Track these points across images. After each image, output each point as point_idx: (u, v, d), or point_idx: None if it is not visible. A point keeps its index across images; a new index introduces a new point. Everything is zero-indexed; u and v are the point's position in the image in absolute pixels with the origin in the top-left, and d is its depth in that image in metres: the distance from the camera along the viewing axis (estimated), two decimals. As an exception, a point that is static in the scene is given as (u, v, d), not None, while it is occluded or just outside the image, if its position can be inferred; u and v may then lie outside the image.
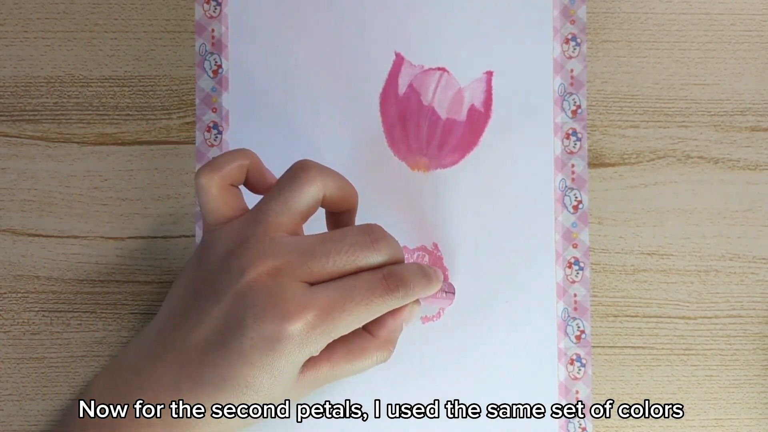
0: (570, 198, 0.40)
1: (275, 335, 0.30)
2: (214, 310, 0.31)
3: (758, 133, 0.41)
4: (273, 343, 0.30)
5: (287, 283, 0.30)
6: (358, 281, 0.31)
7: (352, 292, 0.31)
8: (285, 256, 0.31)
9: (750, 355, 0.40)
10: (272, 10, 0.41)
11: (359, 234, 0.32)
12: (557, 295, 0.40)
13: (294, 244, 0.31)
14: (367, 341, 0.34)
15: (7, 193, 0.40)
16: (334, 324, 0.31)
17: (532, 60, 0.41)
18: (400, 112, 0.41)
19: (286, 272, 0.31)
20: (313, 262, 0.31)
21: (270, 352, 0.30)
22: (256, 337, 0.30)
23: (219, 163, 0.33)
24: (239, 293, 0.30)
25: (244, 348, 0.30)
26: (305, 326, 0.30)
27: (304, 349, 0.30)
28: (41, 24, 0.41)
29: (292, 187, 0.32)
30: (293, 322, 0.30)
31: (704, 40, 0.41)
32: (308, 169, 0.32)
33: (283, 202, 0.32)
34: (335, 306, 0.31)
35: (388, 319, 0.34)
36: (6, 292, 0.40)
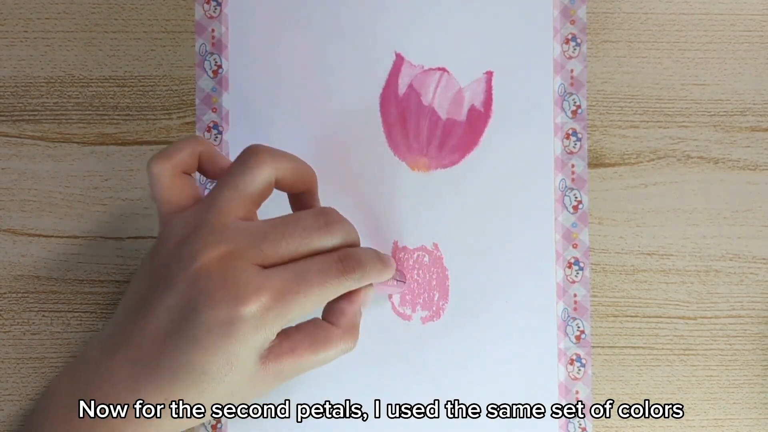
0: (570, 198, 0.40)
1: (229, 318, 0.29)
2: (167, 298, 0.30)
3: (758, 133, 0.41)
4: (227, 327, 0.29)
5: (240, 267, 0.30)
6: (312, 263, 0.31)
7: (307, 274, 0.31)
8: (237, 240, 0.31)
9: (750, 355, 0.40)
10: (272, 11, 0.41)
11: (313, 217, 0.32)
12: (557, 295, 0.40)
13: (246, 229, 0.31)
14: (330, 331, 0.33)
15: (7, 193, 0.40)
16: (289, 306, 0.30)
17: (532, 60, 0.41)
18: (400, 112, 0.41)
19: (238, 256, 0.30)
20: (265, 245, 0.31)
21: (224, 336, 0.30)
22: (209, 321, 0.29)
23: (170, 151, 0.33)
24: (191, 279, 0.30)
25: (198, 333, 0.30)
26: (259, 308, 0.30)
27: (258, 332, 0.30)
28: (41, 24, 0.41)
29: (242, 171, 0.32)
30: (247, 305, 0.29)
31: (704, 41, 0.41)
32: (258, 153, 0.32)
33: (234, 187, 0.32)
34: (289, 288, 0.30)
35: (345, 306, 0.34)
36: (6, 292, 0.40)
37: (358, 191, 0.40)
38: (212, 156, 0.34)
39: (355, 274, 0.32)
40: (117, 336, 0.32)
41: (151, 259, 0.32)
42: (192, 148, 0.33)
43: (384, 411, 0.39)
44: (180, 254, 0.31)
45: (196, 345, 0.30)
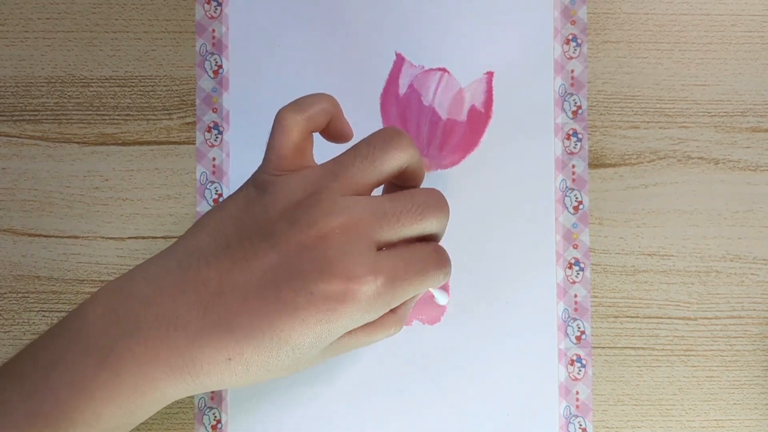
0: (570, 198, 0.40)
1: (342, 296, 0.27)
2: (267, 257, 0.28)
3: (759, 133, 0.41)
4: (336, 304, 0.27)
5: (359, 244, 0.28)
6: (414, 252, 0.30)
7: (411, 262, 0.29)
8: (359, 214, 0.28)
9: (750, 356, 0.40)
10: (273, 11, 0.41)
11: (426, 194, 0.30)
12: (557, 295, 0.40)
13: (367, 202, 0.29)
14: (386, 316, 0.32)
15: (7, 193, 0.40)
16: (397, 292, 0.29)
17: (532, 60, 0.41)
18: (400, 113, 0.41)
19: (358, 231, 0.28)
20: (384, 221, 0.29)
21: (329, 313, 0.28)
22: (317, 293, 0.27)
23: (305, 104, 0.31)
24: (305, 246, 0.28)
25: (299, 302, 0.27)
26: (374, 291, 0.28)
27: (365, 314, 0.28)
28: (42, 24, 0.41)
29: (385, 148, 0.30)
30: (364, 285, 0.28)
31: (705, 41, 0.41)
32: (403, 136, 0.30)
33: (371, 161, 0.29)
34: (399, 274, 0.29)
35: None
36: (6, 292, 0.40)
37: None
38: (341, 119, 0.32)
39: (446, 268, 0.31)
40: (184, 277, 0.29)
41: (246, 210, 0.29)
42: (326, 105, 0.31)
43: (385, 411, 0.39)
44: (294, 215, 0.28)
45: (293, 314, 0.27)
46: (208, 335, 0.28)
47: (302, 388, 0.39)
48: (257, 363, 0.28)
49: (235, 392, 0.39)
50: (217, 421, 0.39)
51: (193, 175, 0.40)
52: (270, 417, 0.39)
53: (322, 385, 0.39)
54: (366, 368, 0.39)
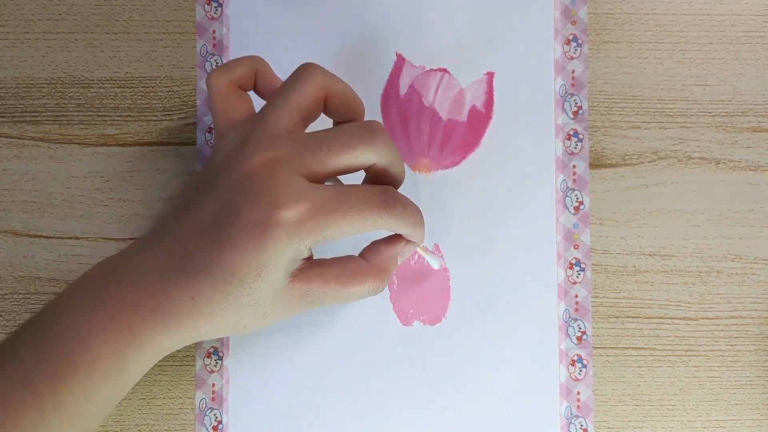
0: (571, 199, 0.40)
1: (265, 220, 0.30)
2: (209, 198, 0.31)
3: (759, 133, 0.41)
4: (262, 228, 0.30)
5: (284, 174, 0.31)
6: (355, 189, 0.32)
7: (349, 197, 0.31)
8: (282, 148, 0.31)
9: (752, 356, 0.40)
10: (273, 12, 0.41)
11: (357, 126, 0.33)
12: (558, 296, 0.40)
13: (292, 138, 0.32)
14: (362, 265, 0.34)
15: (8, 194, 0.40)
16: (326, 221, 0.31)
17: (533, 61, 0.41)
18: (401, 113, 0.41)
19: (283, 163, 0.31)
20: (309, 153, 0.31)
21: (258, 238, 0.30)
22: (245, 221, 0.30)
23: (229, 65, 0.34)
24: (235, 183, 0.31)
25: (233, 233, 0.30)
26: (297, 216, 0.30)
27: (292, 240, 0.30)
28: (42, 25, 0.41)
29: (293, 83, 0.33)
30: (284, 209, 0.30)
31: (705, 41, 0.41)
32: (310, 68, 0.33)
33: (284, 98, 0.32)
34: (329, 204, 0.31)
35: (382, 246, 0.35)
36: (8, 293, 0.40)
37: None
38: (269, 75, 0.35)
39: (396, 210, 0.32)
40: (155, 232, 0.33)
41: (202, 170, 0.34)
42: (250, 64, 0.34)
43: (386, 412, 0.39)
44: (228, 162, 0.32)
45: (231, 245, 0.30)
46: (172, 275, 0.31)
47: (304, 389, 0.39)
48: (217, 302, 0.31)
49: (237, 393, 0.39)
50: (218, 422, 0.39)
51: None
52: (271, 418, 0.39)
53: (324, 386, 0.39)
54: (367, 369, 0.39)
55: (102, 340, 0.31)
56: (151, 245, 0.32)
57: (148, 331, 0.32)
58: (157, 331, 0.32)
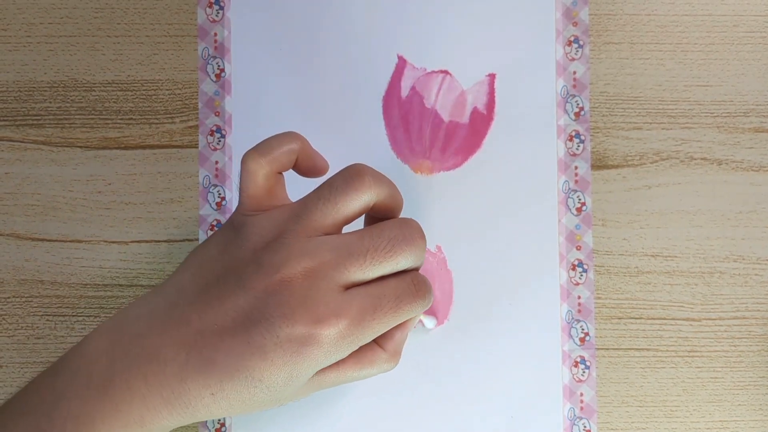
0: (573, 200, 0.40)
1: (304, 339, 0.29)
2: (239, 300, 0.29)
3: (761, 134, 0.41)
4: (300, 347, 0.29)
5: (322, 287, 0.29)
6: (388, 288, 0.30)
7: (383, 299, 0.30)
8: (322, 257, 0.29)
9: (755, 356, 0.40)
10: (274, 14, 0.41)
11: (397, 227, 0.31)
12: (561, 297, 0.40)
13: (332, 243, 0.30)
14: (376, 354, 0.33)
15: (10, 198, 0.40)
16: (364, 332, 0.29)
17: (534, 62, 0.41)
18: (402, 115, 0.41)
19: (322, 274, 0.29)
20: (350, 261, 0.29)
21: (295, 355, 0.29)
22: (282, 336, 0.29)
23: (268, 147, 0.32)
24: (270, 290, 0.29)
25: (267, 345, 0.29)
26: (337, 334, 0.29)
27: (330, 356, 0.29)
28: (44, 29, 0.41)
29: (345, 191, 0.30)
30: (325, 329, 0.29)
31: (707, 42, 0.41)
32: (364, 176, 0.30)
33: (333, 204, 0.30)
34: (366, 314, 0.29)
35: (396, 332, 0.33)
36: (10, 296, 0.40)
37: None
38: (310, 155, 0.33)
39: (426, 299, 0.31)
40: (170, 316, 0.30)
41: (223, 250, 0.31)
42: (290, 145, 0.32)
43: (388, 413, 0.39)
44: (261, 259, 0.30)
45: (263, 356, 0.29)
46: (192, 372, 0.29)
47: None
48: (237, 399, 0.30)
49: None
50: (221, 424, 0.39)
51: (195, 178, 0.40)
52: (273, 419, 0.39)
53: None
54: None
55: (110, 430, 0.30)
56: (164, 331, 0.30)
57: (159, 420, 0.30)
58: (168, 419, 0.30)
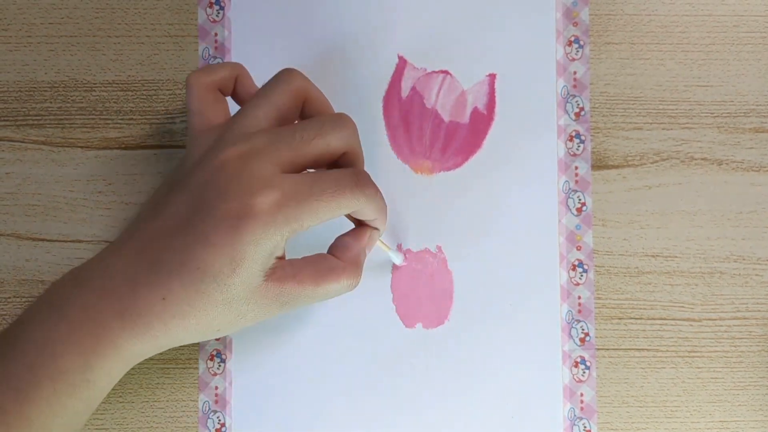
0: (573, 200, 0.40)
1: (239, 211, 0.29)
2: (181, 198, 0.31)
3: (762, 134, 0.41)
4: (236, 220, 0.29)
5: (257, 164, 0.30)
6: (328, 173, 0.32)
7: (321, 182, 0.31)
8: (256, 141, 0.31)
9: (755, 356, 0.40)
10: (275, 14, 0.41)
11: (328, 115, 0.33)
12: (561, 297, 0.40)
13: (267, 131, 0.32)
14: (334, 263, 0.33)
15: (11, 198, 0.40)
16: (301, 207, 0.30)
17: (534, 62, 0.41)
18: (403, 115, 0.41)
19: (256, 155, 0.30)
20: (283, 142, 0.31)
21: (232, 230, 0.29)
22: (219, 214, 0.29)
23: (211, 68, 0.34)
24: (208, 178, 0.30)
25: (206, 228, 0.29)
26: (271, 204, 0.29)
27: (268, 228, 0.30)
28: (45, 29, 0.41)
29: (273, 86, 0.33)
30: (257, 198, 0.29)
31: (707, 42, 0.41)
32: (290, 71, 0.33)
33: (263, 97, 0.32)
34: (303, 190, 0.30)
35: (350, 241, 0.34)
36: (10, 296, 0.40)
37: (362, 194, 0.40)
38: (249, 82, 0.35)
39: (367, 189, 0.32)
40: (126, 234, 0.32)
41: (175, 169, 0.33)
42: (231, 69, 0.34)
43: (389, 413, 0.39)
44: (200, 161, 0.31)
45: (203, 240, 0.29)
46: (141, 276, 0.30)
47: (306, 391, 0.39)
48: (189, 301, 0.30)
49: (240, 396, 0.39)
50: (221, 424, 0.39)
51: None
52: (274, 420, 0.39)
53: (326, 388, 0.39)
54: (369, 370, 0.39)
55: (66, 351, 0.30)
56: (118, 249, 0.31)
57: (114, 338, 0.30)
58: (124, 338, 0.30)
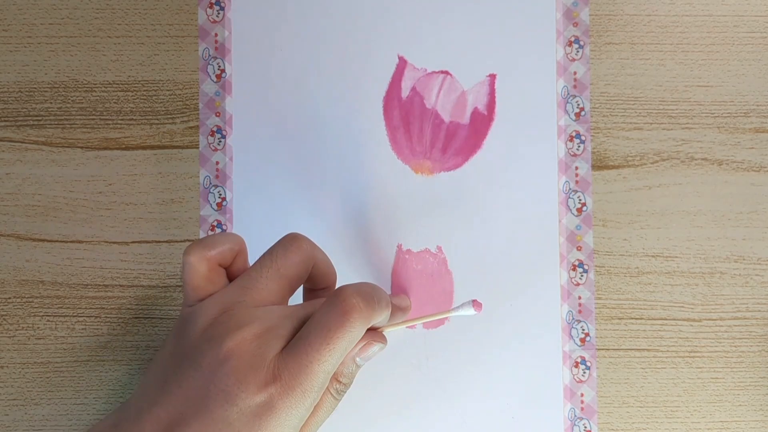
0: (574, 200, 0.40)
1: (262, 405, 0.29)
2: (195, 379, 0.29)
3: (762, 134, 0.41)
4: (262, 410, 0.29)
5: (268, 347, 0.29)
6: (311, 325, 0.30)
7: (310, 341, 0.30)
8: (272, 321, 0.30)
9: (755, 357, 0.40)
10: (275, 15, 0.41)
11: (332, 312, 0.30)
12: (561, 297, 0.40)
13: (279, 310, 0.31)
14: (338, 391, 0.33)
15: (11, 198, 0.40)
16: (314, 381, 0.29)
17: (535, 63, 0.41)
18: (403, 116, 0.41)
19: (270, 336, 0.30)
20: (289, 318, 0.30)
21: (259, 418, 0.29)
22: (243, 406, 0.29)
23: (211, 243, 0.32)
24: (223, 358, 0.29)
25: (230, 417, 0.29)
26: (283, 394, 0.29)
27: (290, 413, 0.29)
28: (45, 29, 0.41)
29: (285, 254, 0.32)
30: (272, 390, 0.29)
31: (707, 42, 0.41)
32: (300, 239, 0.32)
33: (276, 269, 0.31)
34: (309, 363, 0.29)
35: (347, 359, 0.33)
36: (11, 297, 0.40)
37: (362, 194, 0.40)
38: (245, 258, 0.34)
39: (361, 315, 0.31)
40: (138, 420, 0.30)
41: (176, 342, 0.31)
42: (232, 244, 0.33)
43: (389, 414, 0.39)
44: (210, 334, 0.30)
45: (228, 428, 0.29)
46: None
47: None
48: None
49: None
50: None
51: (196, 179, 0.40)
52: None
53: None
54: (369, 371, 0.39)
55: None
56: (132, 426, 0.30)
57: None
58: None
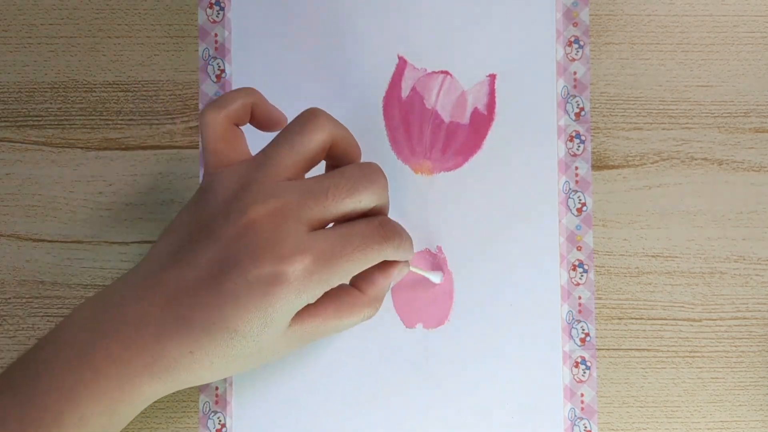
0: (574, 200, 0.40)
1: (272, 278, 0.29)
2: (209, 251, 0.30)
3: (762, 134, 0.41)
4: (269, 286, 0.29)
5: (288, 226, 0.30)
6: (354, 227, 0.31)
7: (350, 238, 0.31)
8: (286, 197, 0.30)
9: (755, 357, 0.40)
10: (275, 15, 0.41)
11: (359, 169, 0.32)
12: (561, 297, 0.40)
13: (295, 186, 0.31)
14: (357, 297, 0.33)
15: (11, 199, 0.40)
16: (333, 270, 0.30)
17: (535, 63, 0.41)
18: (403, 116, 0.41)
19: (287, 214, 0.30)
20: (312, 201, 0.30)
21: (265, 296, 0.29)
22: (251, 278, 0.29)
23: (224, 100, 0.33)
24: (237, 235, 0.30)
25: (238, 290, 0.29)
26: (303, 270, 0.29)
27: (300, 294, 0.30)
28: (45, 30, 0.41)
29: (301, 131, 0.31)
30: (292, 264, 0.29)
31: (707, 42, 0.41)
32: (318, 115, 0.32)
33: (290, 146, 0.31)
34: (334, 251, 0.30)
35: (378, 276, 0.34)
36: (11, 297, 0.40)
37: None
38: (265, 107, 0.34)
39: (394, 241, 0.32)
40: (148, 281, 0.31)
41: (193, 211, 0.32)
42: (244, 98, 0.33)
43: (388, 415, 0.39)
44: (228, 208, 0.30)
45: (235, 302, 0.29)
46: (168, 331, 0.30)
47: (307, 392, 0.39)
48: (217, 354, 0.30)
49: (240, 397, 0.39)
50: (221, 425, 0.39)
51: (196, 179, 0.40)
52: (274, 421, 0.39)
53: (327, 389, 0.39)
54: (369, 371, 0.39)
55: (91, 399, 0.30)
56: (141, 296, 0.31)
57: (140, 386, 0.30)
58: (150, 385, 0.30)
